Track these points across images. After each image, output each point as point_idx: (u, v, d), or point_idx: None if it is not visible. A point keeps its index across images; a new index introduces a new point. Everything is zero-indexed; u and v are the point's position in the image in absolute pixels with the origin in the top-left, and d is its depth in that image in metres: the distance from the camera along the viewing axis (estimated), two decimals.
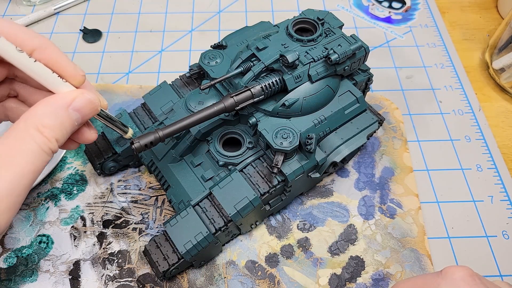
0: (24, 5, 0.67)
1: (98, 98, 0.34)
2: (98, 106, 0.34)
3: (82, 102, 0.32)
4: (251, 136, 0.43)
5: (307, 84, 0.40)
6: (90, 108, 0.33)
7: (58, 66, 0.32)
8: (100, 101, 0.34)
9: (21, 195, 0.28)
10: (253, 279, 0.43)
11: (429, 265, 0.44)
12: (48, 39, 0.32)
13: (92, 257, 0.44)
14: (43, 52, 0.31)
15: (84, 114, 0.32)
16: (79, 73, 0.32)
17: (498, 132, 0.55)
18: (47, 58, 0.31)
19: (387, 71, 0.61)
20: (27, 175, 0.28)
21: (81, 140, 0.35)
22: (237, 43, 0.47)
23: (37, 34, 0.31)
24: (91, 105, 0.33)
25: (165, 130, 0.37)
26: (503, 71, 0.58)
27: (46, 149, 0.30)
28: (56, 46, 0.32)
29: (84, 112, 0.32)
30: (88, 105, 0.32)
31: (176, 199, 0.43)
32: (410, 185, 0.49)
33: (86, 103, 0.32)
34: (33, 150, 0.29)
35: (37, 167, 0.29)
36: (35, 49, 0.31)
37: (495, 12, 0.69)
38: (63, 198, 0.48)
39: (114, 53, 0.62)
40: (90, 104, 0.33)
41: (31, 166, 0.29)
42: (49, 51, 0.31)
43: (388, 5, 0.69)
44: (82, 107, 0.32)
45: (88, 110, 0.33)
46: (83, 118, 0.32)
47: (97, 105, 0.33)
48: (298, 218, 0.47)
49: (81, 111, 0.32)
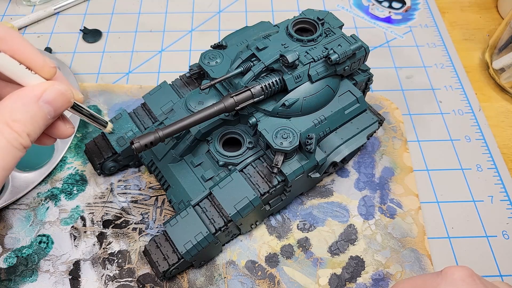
0: (24, 5, 0.67)
1: (71, 90, 0.32)
2: (70, 98, 0.32)
3: (53, 94, 0.30)
4: (251, 136, 0.43)
5: (307, 84, 0.40)
6: (62, 100, 0.31)
7: (25, 57, 0.30)
8: (73, 93, 0.32)
9: None
10: (253, 279, 0.43)
11: (429, 265, 0.44)
12: (14, 30, 0.30)
13: (92, 257, 0.44)
14: (8, 42, 0.29)
15: (56, 107, 0.31)
16: (48, 64, 0.31)
17: (498, 132, 0.55)
18: (13, 49, 0.29)
19: (387, 71, 0.61)
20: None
21: (57, 135, 0.34)
22: (237, 43, 0.47)
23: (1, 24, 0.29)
24: (63, 97, 0.31)
25: (165, 130, 0.37)
26: (503, 71, 0.58)
27: (16, 145, 0.28)
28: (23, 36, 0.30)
29: (56, 105, 0.31)
30: (60, 97, 0.31)
31: (176, 199, 0.43)
32: (410, 185, 0.49)
33: (58, 95, 0.30)
34: (2, 146, 0.28)
35: (8, 164, 0.28)
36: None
37: (495, 12, 0.69)
38: (63, 198, 0.48)
39: (114, 53, 0.62)
40: (62, 96, 0.31)
41: (1, 162, 0.28)
42: (14, 42, 0.29)
43: (388, 5, 0.69)
44: (53, 99, 0.30)
45: (60, 102, 0.31)
46: (55, 111, 0.31)
47: (69, 97, 0.32)
48: (298, 218, 0.47)
49: (53, 104, 0.30)
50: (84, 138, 0.52)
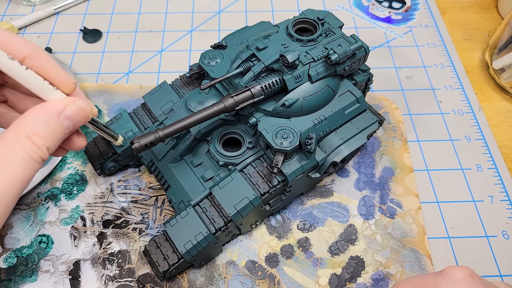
0: (24, 5, 0.67)
1: (89, 105, 0.33)
2: (89, 114, 0.33)
3: (73, 110, 0.31)
4: (251, 136, 0.43)
5: (307, 84, 0.40)
6: (81, 116, 0.32)
7: (49, 73, 0.31)
8: (91, 108, 0.34)
9: (9, 204, 0.28)
10: (253, 279, 0.43)
11: (429, 265, 0.44)
12: (39, 47, 0.31)
13: (92, 257, 0.44)
14: (34, 59, 0.31)
15: (76, 122, 0.32)
16: (70, 80, 0.32)
17: (498, 132, 0.55)
18: (39, 66, 0.31)
19: (387, 71, 0.61)
20: (17, 184, 0.28)
21: (70, 148, 0.35)
22: (237, 43, 0.47)
23: (28, 42, 0.31)
24: (83, 113, 0.32)
25: (165, 130, 0.37)
26: (503, 71, 0.58)
27: (36, 158, 0.29)
28: (48, 54, 0.32)
29: (76, 120, 0.32)
30: (80, 113, 0.32)
31: (176, 199, 0.43)
32: (410, 185, 0.49)
33: (78, 111, 0.32)
34: (23, 159, 0.28)
35: (27, 176, 0.29)
36: (26, 57, 0.30)
37: (495, 12, 0.69)
38: (63, 198, 0.48)
39: (114, 53, 0.62)
40: (82, 111, 0.32)
41: (21, 175, 0.28)
42: (40, 59, 0.31)
43: (388, 5, 0.69)
44: (73, 115, 0.31)
45: (80, 117, 0.32)
46: (74, 126, 0.32)
47: (88, 112, 0.33)
48: (298, 218, 0.47)
49: (73, 119, 0.31)
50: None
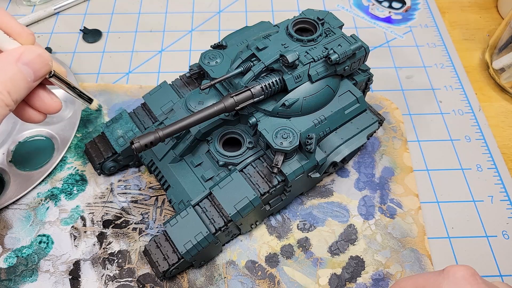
0: (24, 5, 0.67)
1: (48, 54, 0.32)
2: (48, 61, 0.32)
3: (30, 55, 0.31)
4: (251, 136, 0.43)
5: (307, 84, 0.40)
6: (40, 62, 0.31)
7: (6, 25, 0.31)
8: (52, 61, 0.33)
9: None
10: (253, 279, 0.43)
11: (429, 265, 0.44)
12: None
13: (92, 257, 0.44)
14: None
15: (35, 69, 0.31)
16: (26, 31, 0.31)
17: (498, 132, 0.55)
18: None
19: (387, 71, 0.61)
20: None
21: (45, 109, 0.34)
22: (237, 43, 0.47)
23: None
24: (41, 59, 0.31)
25: (165, 130, 0.37)
26: (503, 71, 0.58)
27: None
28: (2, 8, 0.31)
29: (35, 67, 0.31)
30: (38, 59, 0.31)
31: (176, 199, 0.43)
32: (410, 185, 0.49)
33: (35, 57, 0.31)
34: None
35: None
36: None
37: (495, 12, 0.69)
38: (63, 198, 0.48)
39: (114, 53, 0.62)
40: (40, 57, 0.31)
41: None
42: None
43: (388, 5, 0.69)
44: (31, 61, 0.31)
45: (38, 64, 0.31)
46: (35, 74, 0.31)
47: (47, 59, 0.32)
48: (298, 218, 0.47)
49: (31, 65, 0.31)
50: (84, 138, 0.52)
